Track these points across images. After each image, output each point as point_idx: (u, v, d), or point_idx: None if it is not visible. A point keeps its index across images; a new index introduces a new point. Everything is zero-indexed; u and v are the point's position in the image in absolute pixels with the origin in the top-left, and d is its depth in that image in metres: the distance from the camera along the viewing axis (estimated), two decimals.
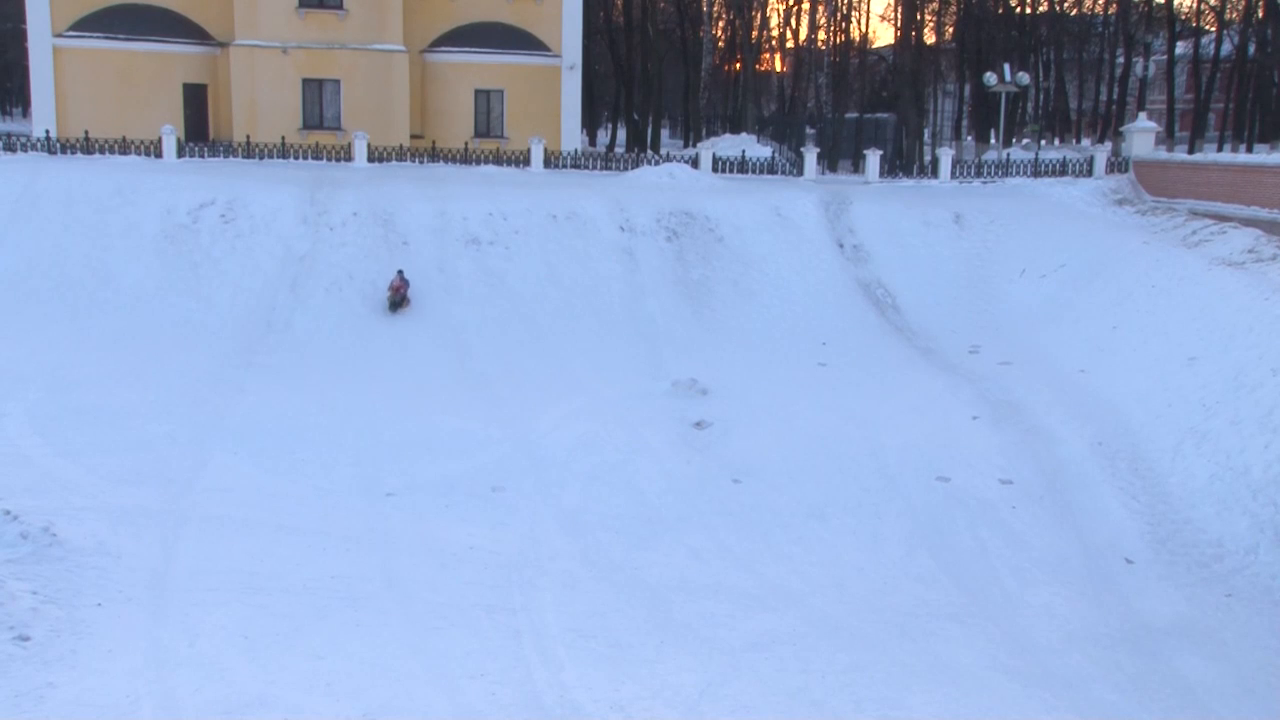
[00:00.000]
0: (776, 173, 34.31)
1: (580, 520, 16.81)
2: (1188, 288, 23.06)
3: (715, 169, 33.59)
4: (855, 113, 54.59)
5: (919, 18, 55.46)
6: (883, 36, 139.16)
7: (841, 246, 28.43)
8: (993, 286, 27.24)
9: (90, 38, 35.37)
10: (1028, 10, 59.60)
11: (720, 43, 63.53)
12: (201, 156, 32.31)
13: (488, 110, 38.29)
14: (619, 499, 17.61)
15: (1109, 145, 41.39)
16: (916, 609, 14.66)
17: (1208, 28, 60.56)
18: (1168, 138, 50.20)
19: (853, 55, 60.77)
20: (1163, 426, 19.31)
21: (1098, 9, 64.84)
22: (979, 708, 11.99)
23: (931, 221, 29.16)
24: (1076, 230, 28.38)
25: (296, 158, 32.75)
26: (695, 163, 33.61)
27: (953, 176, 33.58)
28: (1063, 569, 16.05)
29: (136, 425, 19.06)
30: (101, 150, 31.58)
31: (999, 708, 12.07)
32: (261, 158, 32.46)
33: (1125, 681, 12.99)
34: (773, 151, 40.53)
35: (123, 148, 31.63)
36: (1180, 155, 34.75)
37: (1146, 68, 57.32)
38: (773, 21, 72.99)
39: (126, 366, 21.73)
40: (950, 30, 60.15)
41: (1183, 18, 60.86)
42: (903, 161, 42.32)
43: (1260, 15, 52.68)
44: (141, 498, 16.19)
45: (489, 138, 37.50)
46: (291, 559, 14.52)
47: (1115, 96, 59.92)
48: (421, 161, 33.27)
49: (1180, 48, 58.15)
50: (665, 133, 74.16)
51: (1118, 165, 33.20)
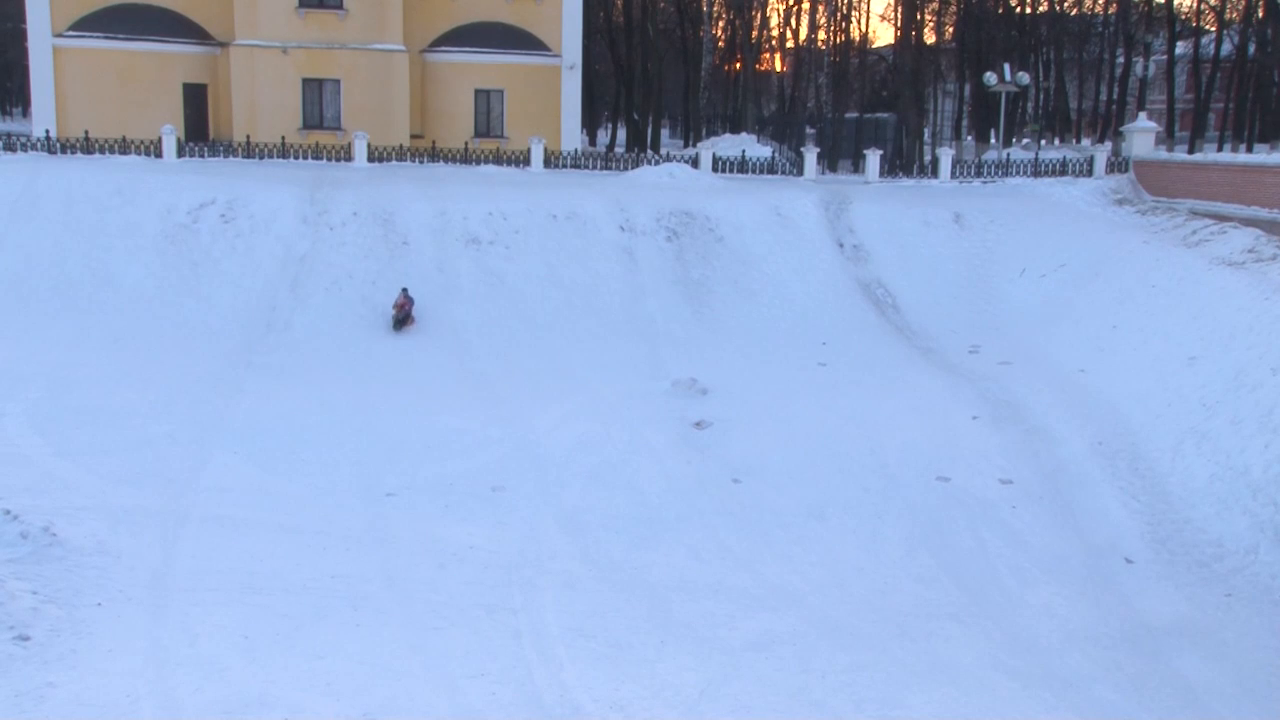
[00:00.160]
0: (776, 172, 34.29)
1: (580, 520, 16.82)
2: (1188, 287, 23.07)
3: (715, 169, 33.58)
4: (855, 113, 54.60)
5: (919, 17, 55.46)
6: (883, 36, 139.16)
7: (841, 246, 28.43)
8: (993, 286, 27.24)
9: (90, 38, 35.37)
10: (1028, 10, 59.60)
11: (720, 43, 63.54)
12: (201, 156, 32.30)
13: (488, 110, 38.30)
14: (619, 499, 17.61)
15: (1109, 145, 41.38)
16: (916, 609, 14.67)
17: (1208, 28, 60.56)
18: (1168, 137, 50.20)
19: (853, 55, 60.78)
20: (1163, 426, 19.32)
21: (1098, 9, 64.83)
22: (979, 708, 11.99)
23: (931, 221, 29.15)
24: (1076, 230, 28.38)
25: (296, 157, 32.74)
26: (695, 162, 33.61)
27: (953, 176, 33.57)
28: (1063, 569, 16.05)
29: (136, 425, 19.07)
30: (101, 150, 31.56)
31: (999, 708, 12.08)
32: (261, 157, 32.45)
33: (1125, 681, 13.00)
34: (773, 151, 40.52)
35: (123, 148, 31.62)
36: (1180, 155, 34.75)
37: (1146, 68, 57.28)
38: (773, 21, 73.13)
39: (126, 366, 21.74)
40: (950, 30, 60.13)
41: (1183, 18, 60.90)
42: (903, 161, 42.36)
43: (1260, 15, 52.68)
44: (141, 498, 16.20)
45: (489, 137, 37.51)
46: (291, 559, 14.53)
47: (1115, 96, 59.90)
48: (421, 161, 33.27)
49: (1180, 48, 58.13)
50: (665, 133, 74.16)
51: (1118, 165, 33.18)
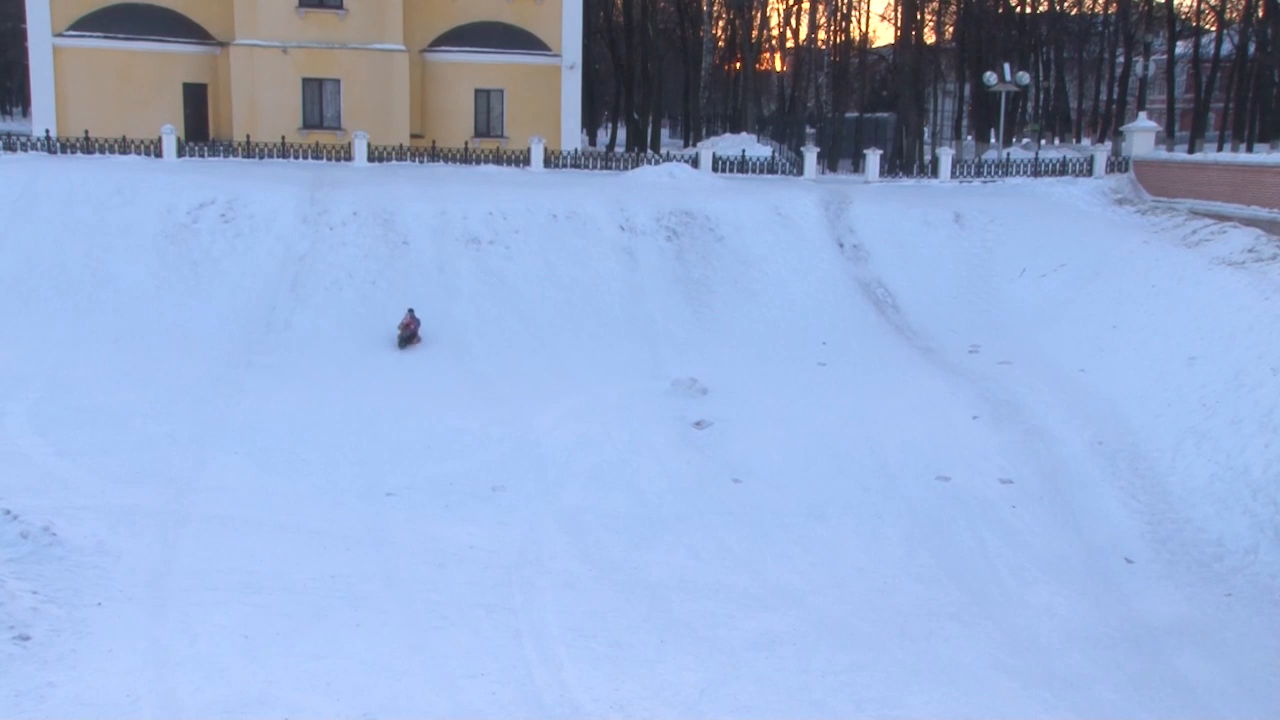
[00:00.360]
0: (776, 172, 34.28)
1: (580, 520, 16.81)
2: (1188, 287, 23.07)
3: (715, 168, 33.57)
4: (855, 112, 54.57)
5: (919, 17, 55.43)
6: (883, 36, 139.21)
7: (841, 246, 28.42)
8: (993, 286, 27.23)
9: (90, 37, 35.36)
10: (1028, 10, 59.57)
11: (720, 42, 63.52)
12: (201, 156, 32.28)
13: (488, 110, 38.29)
14: (619, 498, 17.61)
15: (1109, 145, 41.40)
16: (916, 609, 14.66)
17: (1208, 27, 60.53)
18: (1168, 137, 50.19)
19: (853, 55, 60.75)
20: (1162, 426, 19.32)
21: (1098, 9, 64.85)
22: (979, 708, 11.99)
23: (931, 221, 29.14)
24: (1076, 230, 28.38)
25: (296, 157, 32.74)
26: (695, 162, 33.59)
27: (953, 176, 33.55)
28: (1063, 569, 16.05)
29: (136, 425, 19.08)
30: (101, 150, 31.55)
31: (999, 708, 12.08)
32: (261, 157, 32.45)
33: (1125, 681, 13.00)
34: (773, 151, 40.52)
35: (123, 147, 31.61)
36: (1180, 155, 34.75)
37: (1146, 67, 57.24)
38: (773, 21, 73.07)
39: (126, 366, 21.74)
40: (950, 30, 60.10)
41: (1183, 17, 60.89)
42: (903, 161, 42.34)
43: (1260, 15, 52.65)
44: (141, 497, 16.20)
45: (489, 137, 37.50)
46: (291, 559, 14.53)
47: (1115, 96, 59.89)
48: (421, 161, 33.26)
49: (1180, 47, 58.11)
50: (665, 132, 74.14)
51: (1118, 165, 33.16)
